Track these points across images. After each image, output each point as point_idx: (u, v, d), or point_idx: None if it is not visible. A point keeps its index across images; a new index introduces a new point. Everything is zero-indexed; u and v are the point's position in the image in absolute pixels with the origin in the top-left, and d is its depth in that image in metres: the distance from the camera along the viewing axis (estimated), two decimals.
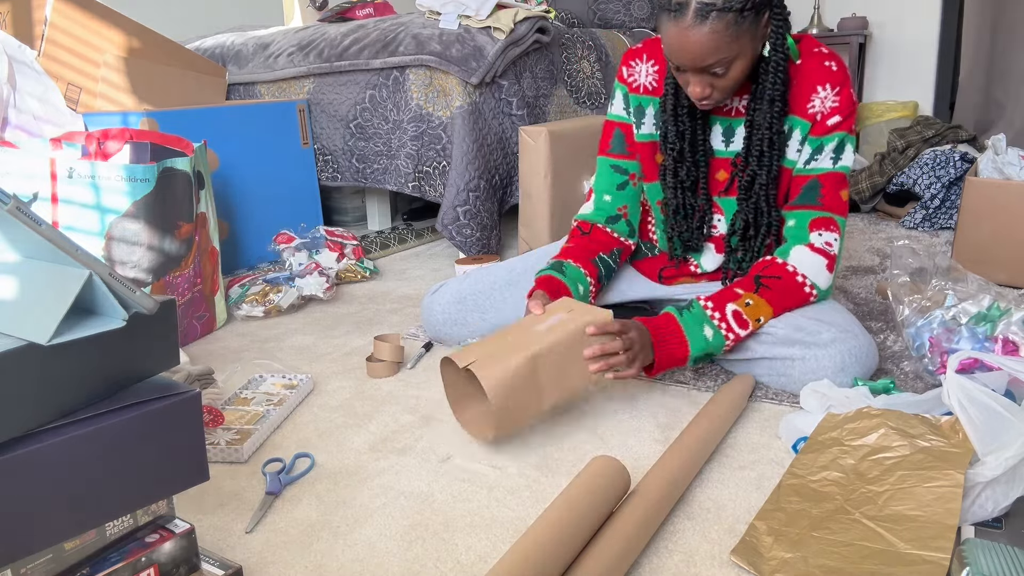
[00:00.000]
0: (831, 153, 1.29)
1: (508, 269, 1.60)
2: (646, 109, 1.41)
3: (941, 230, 2.45)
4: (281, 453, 1.19)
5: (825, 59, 1.28)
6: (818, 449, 1.02)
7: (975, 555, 0.79)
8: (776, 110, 1.25)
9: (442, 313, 1.58)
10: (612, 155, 1.47)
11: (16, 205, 0.66)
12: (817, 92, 1.27)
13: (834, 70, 1.27)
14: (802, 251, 1.28)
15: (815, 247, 1.28)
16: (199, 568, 0.84)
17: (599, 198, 1.48)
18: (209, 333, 1.78)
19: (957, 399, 0.92)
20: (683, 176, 1.35)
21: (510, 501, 1.03)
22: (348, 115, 2.39)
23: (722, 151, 1.36)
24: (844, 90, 1.27)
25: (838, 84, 1.27)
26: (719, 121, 1.35)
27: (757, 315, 1.25)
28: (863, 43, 3.70)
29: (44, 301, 0.72)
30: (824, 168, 1.29)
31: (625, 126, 1.45)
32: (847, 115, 1.27)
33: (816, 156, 1.29)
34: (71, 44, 2.10)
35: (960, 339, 1.27)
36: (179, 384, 0.81)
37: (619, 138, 1.46)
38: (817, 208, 1.29)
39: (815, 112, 1.28)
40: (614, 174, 1.47)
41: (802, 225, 1.29)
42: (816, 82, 1.27)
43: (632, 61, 1.42)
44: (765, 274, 1.28)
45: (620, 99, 1.44)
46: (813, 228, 1.28)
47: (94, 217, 1.52)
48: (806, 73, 1.28)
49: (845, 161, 1.30)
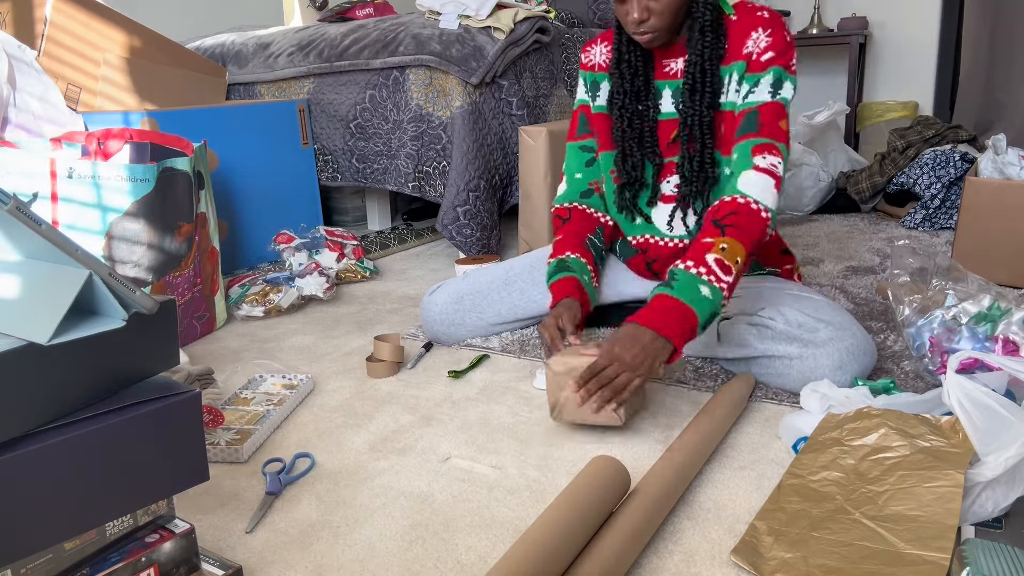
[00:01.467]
0: (768, 88, 1.29)
1: (506, 269, 1.60)
2: (600, 84, 1.49)
3: (941, 230, 2.45)
4: (281, 453, 1.19)
5: (758, 10, 1.33)
6: (818, 449, 1.02)
7: (975, 555, 0.79)
8: (708, 41, 1.30)
9: (440, 313, 1.58)
10: (578, 138, 1.54)
11: (16, 205, 0.66)
12: (750, 36, 1.31)
13: (766, 17, 1.31)
14: (748, 174, 1.26)
15: (760, 168, 1.26)
16: (199, 568, 0.84)
17: (570, 177, 1.54)
18: (209, 333, 1.78)
19: (957, 399, 0.92)
20: (627, 128, 1.40)
21: (510, 501, 1.03)
22: (348, 115, 2.39)
23: (672, 113, 1.39)
24: (777, 31, 1.30)
25: (770, 27, 1.30)
26: (668, 84, 1.39)
27: (734, 257, 1.20)
28: (863, 43, 3.70)
29: (44, 301, 0.72)
30: (762, 100, 1.30)
31: (586, 108, 1.52)
32: (780, 51, 1.29)
33: (753, 90, 1.30)
34: (71, 44, 2.10)
35: (960, 339, 1.27)
36: (179, 384, 0.81)
37: (582, 121, 1.53)
38: (756, 135, 1.28)
39: (749, 52, 1.31)
40: (581, 153, 1.53)
41: (745, 153, 1.28)
42: (750, 28, 1.32)
43: (588, 47, 1.52)
44: (720, 215, 1.25)
45: (581, 84, 1.53)
46: (756, 153, 1.28)
47: (94, 217, 1.52)
48: (741, 22, 1.33)
49: (784, 93, 1.30)
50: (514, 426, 1.25)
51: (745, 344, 1.33)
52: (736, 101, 1.33)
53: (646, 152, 1.41)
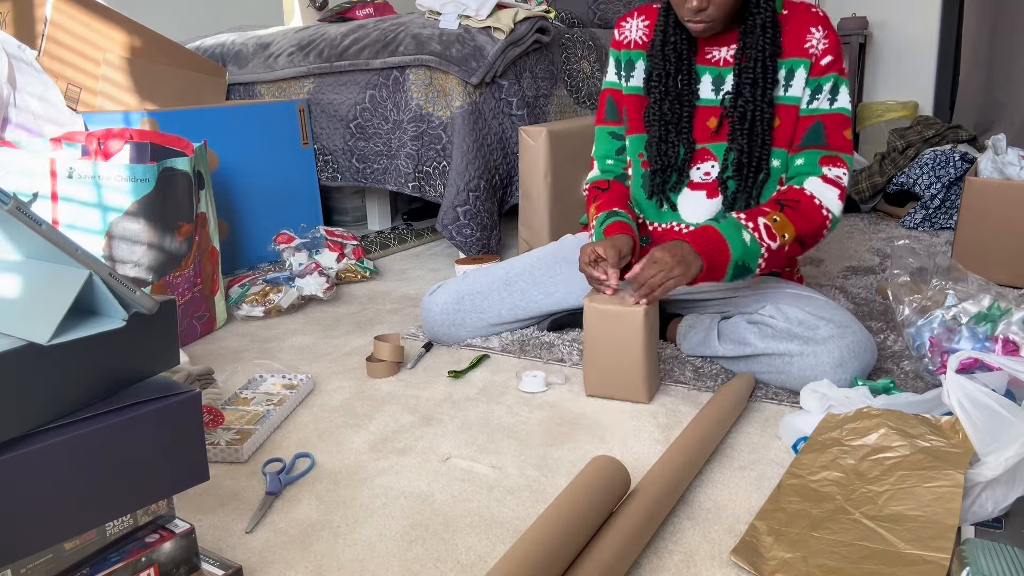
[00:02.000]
0: (828, 94, 1.33)
1: (506, 269, 1.60)
2: (636, 63, 1.46)
3: (941, 230, 2.45)
4: (281, 453, 1.19)
5: (809, 6, 1.35)
6: (818, 449, 1.02)
7: (975, 555, 0.79)
8: (768, 37, 1.30)
9: (440, 314, 1.58)
10: (607, 123, 1.52)
11: (16, 205, 0.66)
12: (812, 32, 1.32)
13: (821, 15, 1.33)
14: (816, 181, 1.32)
15: (828, 178, 1.32)
16: (199, 568, 0.84)
17: (602, 163, 1.53)
18: (209, 333, 1.78)
19: (957, 399, 0.92)
20: (666, 111, 1.38)
21: (510, 501, 1.03)
22: (348, 115, 2.39)
23: (711, 99, 1.39)
24: (831, 33, 1.33)
25: (826, 27, 1.33)
26: (708, 71, 1.38)
27: (783, 231, 1.27)
28: (863, 43, 3.70)
29: (44, 301, 0.72)
30: (824, 109, 1.33)
31: (615, 92, 1.50)
32: (837, 55, 1.33)
33: (816, 96, 1.34)
34: (71, 43, 2.10)
35: (960, 339, 1.27)
36: (179, 384, 0.81)
37: (611, 105, 1.51)
38: (823, 148, 1.33)
39: (812, 52, 1.33)
40: (612, 140, 1.52)
41: (812, 162, 1.33)
42: (808, 23, 1.33)
43: (623, 22, 1.48)
44: (785, 198, 1.31)
45: (612, 64, 1.50)
46: (823, 164, 1.32)
47: (94, 217, 1.52)
48: (795, 18, 1.34)
49: (842, 102, 1.34)
50: (514, 426, 1.25)
51: (745, 342, 1.33)
52: (799, 96, 1.34)
53: (682, 138, 1.40)
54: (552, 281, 1.57)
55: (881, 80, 3.86)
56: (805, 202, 1.30)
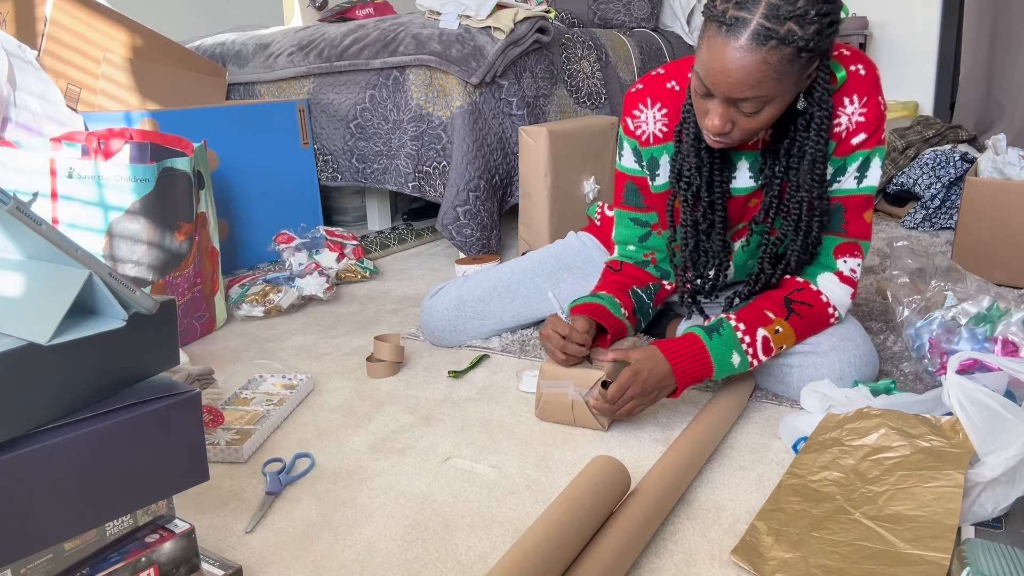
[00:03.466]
0: (855, 173, 1.18)
1: (508, 274, 1.58)
2: (659, 159, 1.29)
3: (941, 230, 2.45)
4: (281, 453, 1.19)
5: (851, 62, 1.15)
6: (818, 449, 1.02)
7: (975, 555, 0.79)
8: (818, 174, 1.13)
9: (441, 319, 1.57)
10: (628, 208, 1.37)
11: (16, 205, 0.66)
12: (844, 106, 1.15)
13: (862, 75, 1.15)
14: (830, 279, 1.22)
15: (843, 276, 1.22)
16: (199, 568, 0.84)
17: (623, 249, 1.40)
18: (209, 333, 1.78)
19: (957, 399, 0.92)
20: (699, 218, 1.22)
21: (510, 501, 1.03)
22: (348, 115, 2.39)
23: (749, 187, 1.24)
24: (872, 100, 1.15)
25: (866, 93, 1.14)
26: (745, 156, 1.22)
27: (782, 343, 1.20)
28: (863, 43, 3.70)
29: (44, 301, 0.72)
30: (847, 190, 1.20)
31: (639, 179, 1.34)
32: (873, 130, 1.16)
33: (839, 177, 1.19)
34: (71, 43, 2.10)
35: (960, 340, 1.27)
36: (179, 384, 0.81)
37: (632, 191, 1.36)
38: (841, 235, 1.22)
39: (840, 130, 1.16)
40: (634, 227, 1.37)
41: (827, 251, 1.23)
42: (843, 93, 1.15)
43: (636, 110, 1.29)
44: (796, 299, 1.21)
45: (629, 152, 1.33)
46: (838, 255, 1.22)
47: (94, 217, 1.52)
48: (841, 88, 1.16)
49: (871, 180, 1.19)
50: (514, 426, 1.25)
51: None
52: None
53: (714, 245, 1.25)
54: (556, 288, 1.56)
55: (881, 80, 3.86)
56: (817, 308, 1.21)
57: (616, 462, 0.96)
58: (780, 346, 1.20)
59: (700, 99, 1.07)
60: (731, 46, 0.97)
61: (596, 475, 0.92)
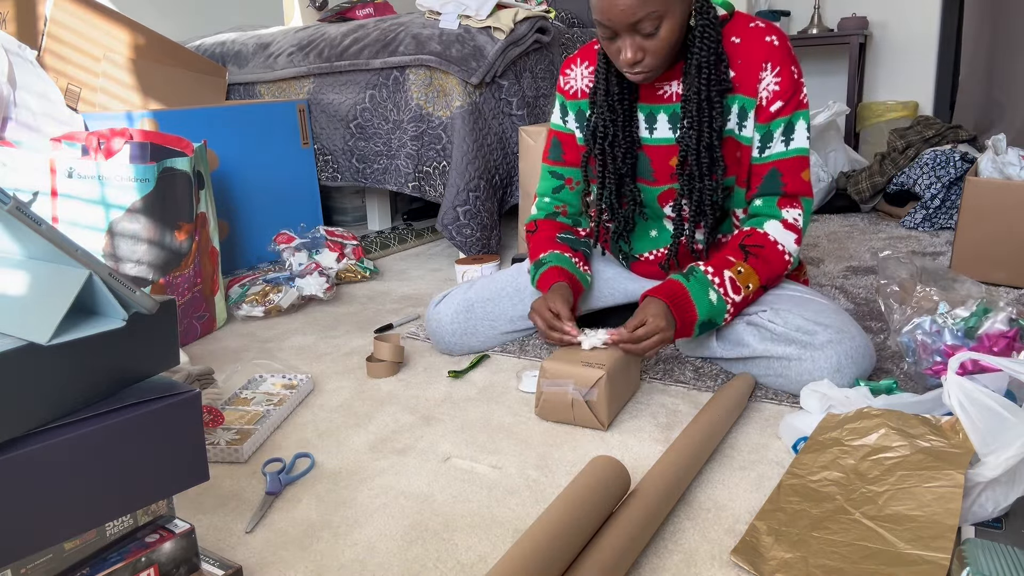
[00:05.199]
0: (781, 137, 1.29)
1: (514, 275, 1.57)
2: (586, 112, 1.42)
3: (941, 230, 2.45)
4: (281, 453, 1.19)
5: (765, 34, 1.27)
6: (818, 449, 1.02)
7: (975, 555, 0.79)
8: (704, 77, 1.24)
9: (451, 323, 1.53)
10: (550, 162, 1.52)
11: (16, 205, 0.66)
12: (761, 69, 1.26)
13: (775, 45, 1.26)
14: (776, 225, 1.31)
15: (787, 223, 1.31)
16: (199, 568, 0.84)
17: (540, 201, 1.54)
18: (209, 333, 1.78)
19: (957, 400, 0.92)
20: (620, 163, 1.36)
21: (510, 501, 1.03)
22: (348, 115, 2.39)
23: (670, 139, 1.35)
24: (785, 69, 1.26)
25: (779, 63, 1.25)
26: (663, 109, 1.34)
27: (748, 281, 1.29)
28: (863, 43, 3.70)
29: (44, 301, 0.72)
30: (778, 153, 1.30)
31: (563, 135, 1.49)
32: (789, 96, 1.27)
33: (768, 144, 1.30)
34: (72, 43, 2.10)
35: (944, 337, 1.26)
36: (179, 384, 0.81)
37: (556, 146, 1.50)
38: (781, 194, 1.31)
39: (763, 95, 1.27)
40: (551, 179, 1.52)
41: (770, 205, 1.32)
42: (758, 58, 1.26)
43: (568, 69, 1.45)
44: (749, 243, 1.30)
45: (558, 109, 1.48)
46: (781, 206, 1.31)
47: (94, 217, 1.52)
48: (746, 49, 1.27)
49: (798, 142, 1.29)
50: (514, 426, 1.25)
51: (743, 343, 1.33)
52: (750, 138, 1.31)
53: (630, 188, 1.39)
54: None
55: (881, 80, 3.86)
56: (769, 248, 1.30)
57: (616, 462, 0.96)
58: (746, 284, 1.29)
59: (608, 43, 1.20)
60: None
61: (596, 475, 0.92)
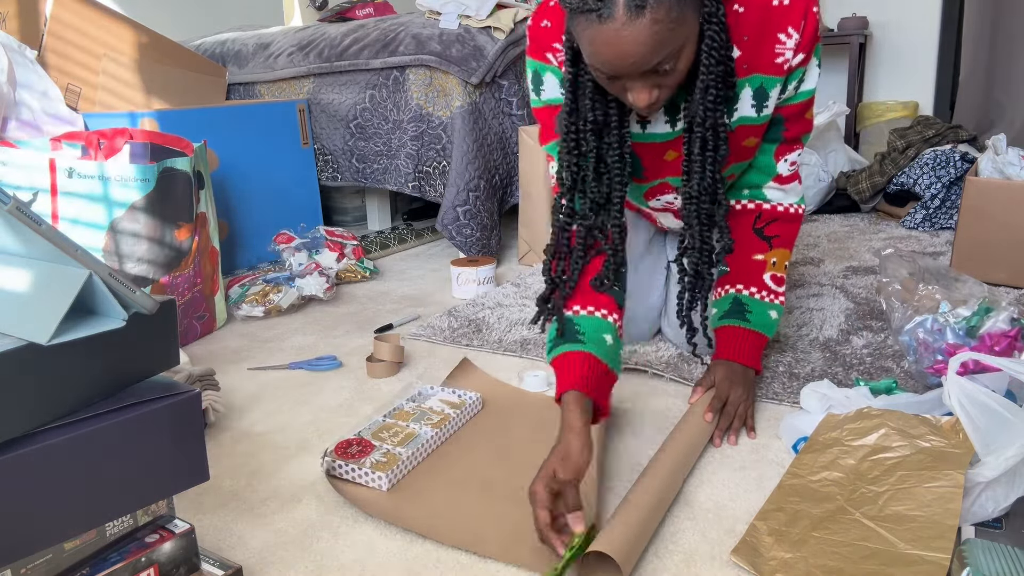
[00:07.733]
0: (795, 83, 1.16)
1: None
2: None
3: (941, 230, 2.45)
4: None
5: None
6: (818, 449, 1.02)
7: (975, 555, 0.79)
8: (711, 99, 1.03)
9: None
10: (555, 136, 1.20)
11: (16, 205, 0.66)
12: (779, 42, 1.10)
13: (786, 4, 1.08)
14: (773, 188, 1.28)
15: (782, 178, 1.27)
16: (199, 568, 0.84)
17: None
18: (209, 333, 1.78)
19: (958, 400, 0.92)
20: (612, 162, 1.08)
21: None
22: (348, 115, 2.39)
23: (668, 132, 1.18)
24: (808, 25, 1.09)
25: (796, 21, 1.09)
26: None
27: (783, 264, 1.27)
28: (863, 43, 3.70)
29: (44, 301, 0.72)
30: (785, 100, 1.18)
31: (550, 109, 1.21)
32: (810, 43, 1.11)
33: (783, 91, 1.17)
34: (72, 42, 2.10)
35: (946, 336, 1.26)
36: (179, 384, 0.81)
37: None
38: (781, 141, 1.24)
39: (782, 62, 1.12)
40: None
41: (768, 154, 1.25)
42: (772, 30, 1.09)
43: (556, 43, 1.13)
44: (762, 225, 1.27)
45: (554, 83, 1.16)
46: (779, 157, 1.25)
47: (94, 217, 1.52)
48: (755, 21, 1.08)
49: (808, 83, 1.17)
50: None
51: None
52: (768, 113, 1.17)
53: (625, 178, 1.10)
54: None
55: (881, 80, 3.86)
56: (784, 217, 1.28)
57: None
58: (784, 267, 1.27)
59: (611, 83, 0.96)
60: (612, 29, 0.86)
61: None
